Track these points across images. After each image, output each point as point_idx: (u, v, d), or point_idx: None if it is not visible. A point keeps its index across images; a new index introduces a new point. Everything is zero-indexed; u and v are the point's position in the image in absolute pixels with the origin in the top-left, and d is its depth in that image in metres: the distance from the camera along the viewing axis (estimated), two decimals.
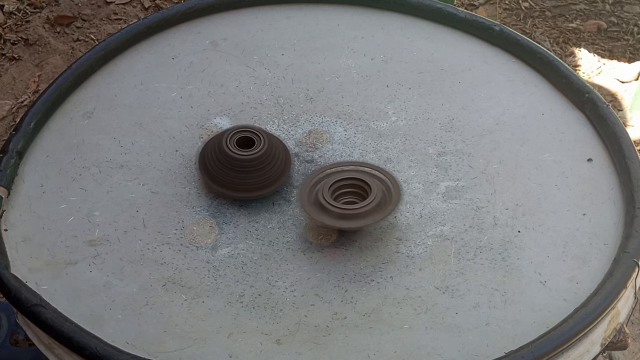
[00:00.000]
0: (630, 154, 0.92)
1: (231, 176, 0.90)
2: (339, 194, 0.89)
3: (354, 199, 0.89)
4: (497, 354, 0.77)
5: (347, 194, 0.89)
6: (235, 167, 0.90)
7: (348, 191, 0.89)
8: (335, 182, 0.89)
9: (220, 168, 0.91)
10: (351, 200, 0.89)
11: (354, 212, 0.86)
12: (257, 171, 0.90)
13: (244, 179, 0.90)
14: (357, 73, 1.07)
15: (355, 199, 0.89)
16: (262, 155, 0.90)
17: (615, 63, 1.96)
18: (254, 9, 1.16)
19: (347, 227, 0.87)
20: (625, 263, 0.82)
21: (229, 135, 0.92)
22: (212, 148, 0.92)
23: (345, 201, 0.88)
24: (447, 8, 1.12)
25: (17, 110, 1.82)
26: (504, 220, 0.90)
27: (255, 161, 0.90)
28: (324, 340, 0.79)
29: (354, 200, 0.89)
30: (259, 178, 0.91)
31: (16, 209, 0.91)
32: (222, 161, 0.91)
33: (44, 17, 1.98)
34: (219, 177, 0.91)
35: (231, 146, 0.91)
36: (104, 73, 1.07)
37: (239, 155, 0.90)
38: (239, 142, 0.92)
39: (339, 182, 0.89)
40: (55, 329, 0.78)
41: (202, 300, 0.83)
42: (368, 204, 0.87)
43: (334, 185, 0.89)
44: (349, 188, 0.89)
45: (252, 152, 0.90)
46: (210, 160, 0.92)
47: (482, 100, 1.03)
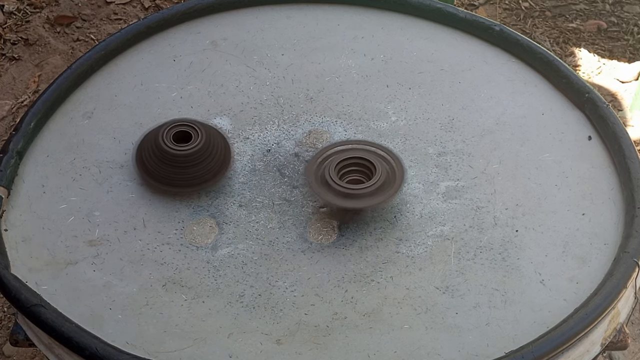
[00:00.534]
0: (630, 154, 0.92)
1: (168, 172, 0.91)
2: (345, 172, 0.90)
3: (360, 177, 0.90)
4: (497, 354, 0.77)
5: (353, 172, 0.91)
6: (171, 163, 0.90)
7: (354, 169, 0.91)
8: (341, 160, 0.90)
9: (157, 163, 0.91)
10: (356, 178, 0.90)
11: (358, 192, 0.87)
12: (194, 166, 0.91)
13: (182, 174, 0.91)
14: (357, 73, 1.07)
15: (361, 178, 0.90)
16: (200, 150, 0.90)
17: (615, 63, 1.96)
18: (254, 9, 1.16)
19: (351, 206, 0.88)
20: (625, 263, 0.82)
21: (166, 129, 0.92)
22: (149, 143, 0.92)
23: (350, 179, 0.90)
24: (447, 8, 1.12)
25: (17, 110, 1.82)
26: (504, 220, 0.90)
27: (192, 156, 0.90)
28: (324, 340, 0.79)
29: (359, 178, 0.90)
30: (197, 173, 0.91)
31: (16, 209, 0.91)
32: (159, 157, 0.90)
33: (44, 17, 1.98)
34: (156, 172, 0.91)
35: (167, 141, 0.91)
36: (104, 73, 1.07)
37: (174, 150, 0.90)
38: (176, 136, 0.92)
39: (345, 161, 0.91)
40: (55, 329, 0.78)
41: (202, 300, 0.83)
42: (372, 185, 0.88)
43: (340, 164, 0.90)
44: (355, 167, 0.91)
45: (189, 147, 0.90)
46: (147, 155, 0.92)
47: (482, 100, 1.03)
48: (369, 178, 0.90)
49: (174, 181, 0.91)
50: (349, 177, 0.90)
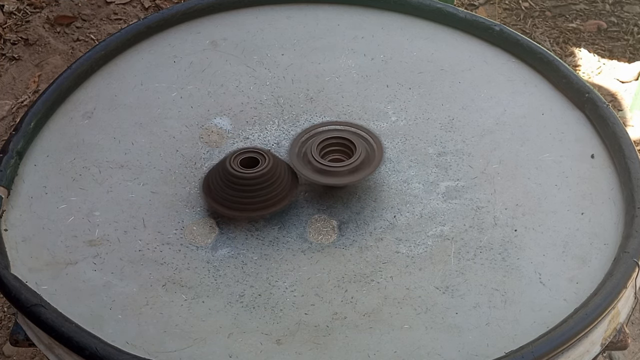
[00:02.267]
0: (630, 154, 0.92)
1: (234, 195, 0.89)
2: (326, 152, 0.94)
3: (340, 156, 0.93)
4: (497, 354, 0.77)
5: (334, 152, 0.94)
6: (238, 186, 0.89)
7: (335, 149, 0.94)
8: (323, 140, 0.94)
9: (223, 187, 0.89)
10: (337, 157, 0.93)
11: (340, 170, 0.91)
12: (261, 190, 0.89)
13: (248, 198, 0.89)
14: (357, 73, 1.07)
15: (342, 157, 0.93)
16: (266, 173, 0.89)
17: (615, 63, 1.96)
18: (254, 9, 1.16)
19: (334, 183, 0.90)
20: (625, 263, 0.82)
21: (233, 156, 0.91)
22: (217, 170, 0.91)
23: (331, 159, 0.93)
24: (447, 8, 1.12)
25: (17, 110, 1.82)
26: (504, 220, 0.90)
27: (258, 179, 0.89)
28: (324, 340, 0.79)
29: (340, 157, 0.93)
30: (264, 197, 0.89)
31: (16, 209, 0.91)
32: (225, 180, 0.89)
33: (44, 17, 1.98)
34: (222, 197, 0.89)
35: (235, 166, 0.89)
36: (104, 73, 1.07)
37: (241, 173, 0.89)
38: (243, 163, 0.90)
39: (326, 141, 0.94)
40: (55, 329, 0.78)
41: (202, 300, 0.83)
42: (353, 162, 0.91)
43: (322, 144, 0.93)
44: (336, 146, 0.94)
45: (256, 171, 0.89)
46: (214, 181, 0.90)
47: (482, 100, 1.03)
48: (349, 157, 0.92)
49: (240, 205, 0.89)
50: (331, 156, 0.94)
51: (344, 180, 0.91)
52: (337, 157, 0.94)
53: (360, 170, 0.91)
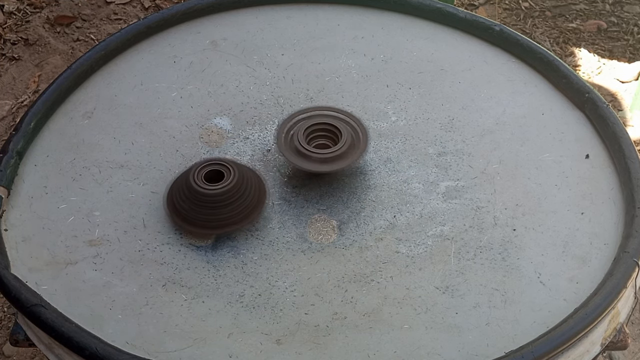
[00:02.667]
0: (630, 154, 0.92)
1: (199, 212, 0.86)
2: (312, 137, 0.94)
3: (327, 142, 0.94)
4: (497, 354, 0.77)
5: (320, 137, 0.95)
6: (203, 203, 0.86)
7: (320, 135, 0.95)
8: (309, 127, 0.94)
9: (188, 204, 0.87)
10: (323, 143, 0.94)
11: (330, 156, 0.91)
12: (227, 206, 0.86)
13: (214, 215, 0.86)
14: (357, 73, 1.07)
15: (328, 143, 0.94)
16: (232, 189, 0.86)
17: (615, 63, 1.96)
18: (254, 9, 1.16)
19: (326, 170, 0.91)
20: (625, 263, 0.82)
21: (197, 169, 0.88)
22: (180, 185, 0.88)
23: (317, 144, 0.94)
24: (447, 8, 1.12)
25: (17, 110, 1.82)
26: (504, 220, 0.90)
27: (223, 195, 0.86)
28: (324, 340, 0.79)
29: (326, 143, 0.94)
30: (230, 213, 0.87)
31: (16, 209, 0.91)
32: (190, 197, 0.86)
33: (44, 17, 1.98)
34: (187, 213, 0.87)
35: (199, 181, 0.87)
36: (104, 73, 1.07)
37: (205, 190, 0.86)
38: (207, 176, 0.88)
39: (312, 127, 0.94)
40: (55, 329, 0.78)
41: (202, 300, 0.83)
42: (340, 148, 0.92)
43: (307, 130, 0.94)
44: (322, 132, 0.95)
45: (221, 186, 0.86)
46: (178, 197, 0.88)
47: (482, 100, 1.03)
48: (335, 143, 0.93)
49: (206, 222, 0.87)
50: (317, 142, 0.94)
51: (330, 167, 0.91)
52: (322, 142, 0.94)
53: (346, 157, 0.92)
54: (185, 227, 0.88)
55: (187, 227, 0.88)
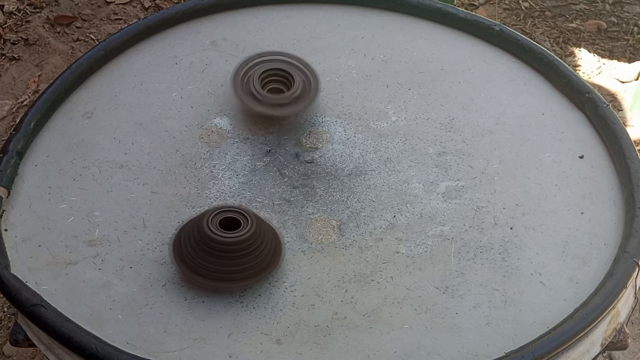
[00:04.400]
0: (630, 154, 0.92)
1: (212, 262, 0.81)
2: (266, 82, 1.00)
3: (280, 87, 1.00)
4: (497, 354, 0.77)
5: (273, 82, 1.00)
6: (217, 252, 0.80)
7: (274, 79, 1.00)
8: (262, 72, 0.99)
9: (199, 253, 0.80)
10: (276, 87, 1.00)
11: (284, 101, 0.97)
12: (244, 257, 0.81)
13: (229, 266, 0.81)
14: (357, 73, 1.07)
15: (281, 87, 1.00)
16: (249, 237, 0.80)
17: (615, 63, 1.96)
18: (254, 9, 1.16)
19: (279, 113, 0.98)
20: (625, 263, 0.82)
21: (211, 215, 0.82)
22: (191, 230, 0.82)
23: (271, 89, 1.00)
24: (447, 8, 1.12)
25: (17, 110, 1.82)
26: (504, 220, 0.90)
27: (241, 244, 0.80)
28: (324, 340, 0.79)
29: (279, 88, 1.00)
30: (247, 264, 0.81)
31: (16, 209, 0.91)
32: (202, 244, 0.80)
33: (44, 17, 1.98)
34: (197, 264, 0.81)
35: (213, 227, 0.81)
36: (104, 73, 1.07)
37: (222, 237, 0.80)
38: (222, 223, 0.82)
39: (265, 73, 0.99)
40: (55, 329, 0.78)
41: (202, 300, 0.83)
42: (293, 93, 0.98)
43: (262, 76, 0.99)
44: (275, 77, 1.00)
45: (238, 235, 0.80)
46: (188, 245, 0.82)
47: (482, 100, 1.03)
48: (288, 88, 0.99)
49: (220, 274, 0.80)
50: (270, 86, 1.00)
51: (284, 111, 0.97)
52: (276, 87, 0.99)
53: (299, 101, 0.98)
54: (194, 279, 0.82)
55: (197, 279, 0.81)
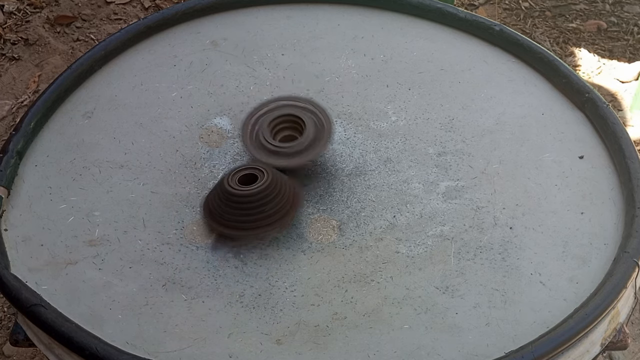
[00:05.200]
0: (630, 154, 0.92)
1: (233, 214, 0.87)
2: (277, 130, 0.95)
3: (292, 133, 0.95)
4: (497, 354, 0.77)
5: (284, 129, 0.95)
6: (235, 204, 0.86)
7: (285, 127, 0.95)
8: (272, 120, 0.95)
9: (222, 207, 0.87)
10: (289, 135, 0.95)
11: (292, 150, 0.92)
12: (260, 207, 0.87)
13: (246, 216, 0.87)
14: (357, 73, 1.07)
15: (293, 134, 0.95)
16: (264, 189, 0.87)
17: (615, 63, 1.96)
18: (254, 9, 1.16)
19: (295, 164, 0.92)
20: (625, 263, 0.82)
21: (231, 174, 0.89)
22: (215, 190, 0.89)
23: (282, 137, 0.95)
24: (447, 8, 1.12)
25: (17, 110, 1.82)
26: (504, 220, 0.90)
27: (256, 196, 0.86)
28: (324, 340, 0.79)
29: (291, 135, 0.95)
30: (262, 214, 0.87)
31: (16, 209, 0.91)
32: (224, 199, 0.87)
33: (44, 17, 1.98)
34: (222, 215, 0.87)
35: (232, 184, 0.87)
36: (104, 73, 1.07)
37: (239, 191, 0.86)
38: (242, 180, 0.88)
39: (276, 120, 0.95)
40: (55, 329, 0.78)
41: (202, 300, 0.83)
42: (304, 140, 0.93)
43: (271, 124, 0.95)
44: (286, 124, 0.95)
45: (254, 187, 0.87)
46: (214, 202, 0.88)
47: (482, 100, 1.03)
48: (300, 133, 0.94)
49: (239, 224, 0.87)
50: (282, 134, 0.95)
51: (296, 161, 0.92)
52: (288, 134, 0.95)
53: (312, 147, 0.93)
54: (219, 230, 0.88)
55: (222, 230, 0.87)
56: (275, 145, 0.92)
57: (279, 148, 0.92)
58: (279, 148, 0.92)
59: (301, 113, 0.95)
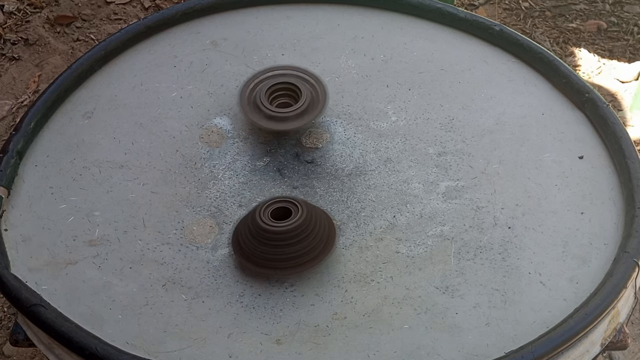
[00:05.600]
0: (630, 154, 0.92)
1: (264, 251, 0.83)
2: (274, 97, 0.98)
3: (288, 101, 0.98)
4: (497, 354, 0.77)
5: (281, 96, 0.99)
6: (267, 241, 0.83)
7: (282, 94, 0.99)
8: (270, 86, 0.98)
9: (254, 243, 0.83)
10: (285, 102, 0.98)
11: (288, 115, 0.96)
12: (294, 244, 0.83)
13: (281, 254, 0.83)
14: (357, 73, 1.07)
15: (289, 101, 0.98)
16: (300, 226, 0.82)
17: (615, 63, 1.96)
18: (254, 9, 1.16)
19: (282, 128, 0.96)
20: (625, 263, 0.82)
21: (263, 207, 0.85)
22: (245, 223, 0.85)
23: (279, 103, 0.98)
24: (447, 8, 1.12)
25: (17, 110, 1.82)
26: (504, 220, 0.90)
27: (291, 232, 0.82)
28: (324, 340, 0.79)
29: (287, 102, 0.98)
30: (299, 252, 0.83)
31: (16, 209, 0.91)
32: (255, 235, 0.83)
33: (44, 17, 1.98)
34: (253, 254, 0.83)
35: (265, 219, 0.83)
36: (104, 73, 1.07)
37: (271, 227, 0.82)
38: (274, 214, 0.85)
39: (273, 87, 0.98)
40: (55, 329, 0.78)
41: (202, 300, 0.83)
42: (300, 107, 0.96)
43: (269, 90, 0.98)
44: (283, 91, 0.98)
45: (288, 223, 0.82)
46: (244, 236, 0.84)
47: (482, 100, 1.03)
48: (296, 101, 0.97)
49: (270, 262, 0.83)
50: (279, 101, 0.98)
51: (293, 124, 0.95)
52: (284, 101, 0.98)
53: (307, 113, 0.96)
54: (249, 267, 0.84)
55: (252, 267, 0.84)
56: (272, 110, 0.96)
57: (276, 113, 0.96)
58: (276, 113, 0.96)
59: (297, 81, 0.98)
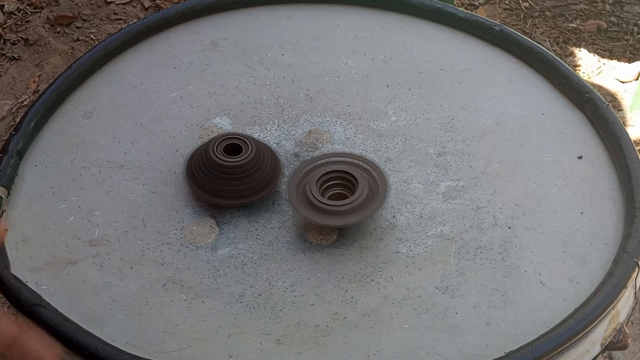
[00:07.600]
0: (630, 154, 0.92)
1: (219, 184, 0.90)
2: (326, 187, 0.89)
3: (342, 191, 0.89)
4: (497, 354, 0.77)
5: (335, 186, 0.89)
6: (223, 175, 0.89)
7: (335, 183, 0.89)
8: (322, 175, 0.89)
9: (208, 176, 0.90)
10: (339, 192, 0.89)
11: (345, 208, 0.86)
12: (245, 177, 0.90)
13: (233, 186, 0.90)
14: (357, 73, 1.07)
15: (343, 191, 0.89)
16: (250, 161, 0.90)
17: (615, 63, 1.96)
18: (254, 9, 1.16)
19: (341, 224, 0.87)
20: (625, 263, 0.82)
21: (216, 143, 0.91)
22: (200, 156, 0.91)
23: (332, 194, 0.89)
24: (447, 8, 1.12)
25: (17, 110, 1.82)
26: (504, 220, 0.90)
27: (242, 167, 0.89)
28: (324, 340, 0.79)
29: (342, 192, 0.89)
30: (248, 184, 0.90)
31: (16, 209, 0.91)
32: (210, 169, 0.90)
33: (44, 17, 1.98)
34: (207, 185, 0.90)
35: (219, 154, 0.90)
36: (104, 73, 1.07)
37: (226, 162, 0.89)
38: (226, 149, 0.91)
39: (326, 175, 0.89)
40: (55, 329, 0.78)
41: (202, 300, 0.83)
42: (357, 199, 0.86)
43: (321, 179, 0.88)
44: (336, 180, 0.89)
45: (240, 159, 0.90)
46: (198, 169, 0.91)
47: (482, 100, 1.03)
48: (352, 192, 0.88)
49: (222, 193, 0.90)
50: (332, 191, 0.89)
51: (347, 220, 0.86)
52: (338, 191, 0.89)
53: (364, 207, 0.86)
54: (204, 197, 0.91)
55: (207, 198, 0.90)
56: (324, 203, 0.86)
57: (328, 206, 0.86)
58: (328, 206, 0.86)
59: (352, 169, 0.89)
